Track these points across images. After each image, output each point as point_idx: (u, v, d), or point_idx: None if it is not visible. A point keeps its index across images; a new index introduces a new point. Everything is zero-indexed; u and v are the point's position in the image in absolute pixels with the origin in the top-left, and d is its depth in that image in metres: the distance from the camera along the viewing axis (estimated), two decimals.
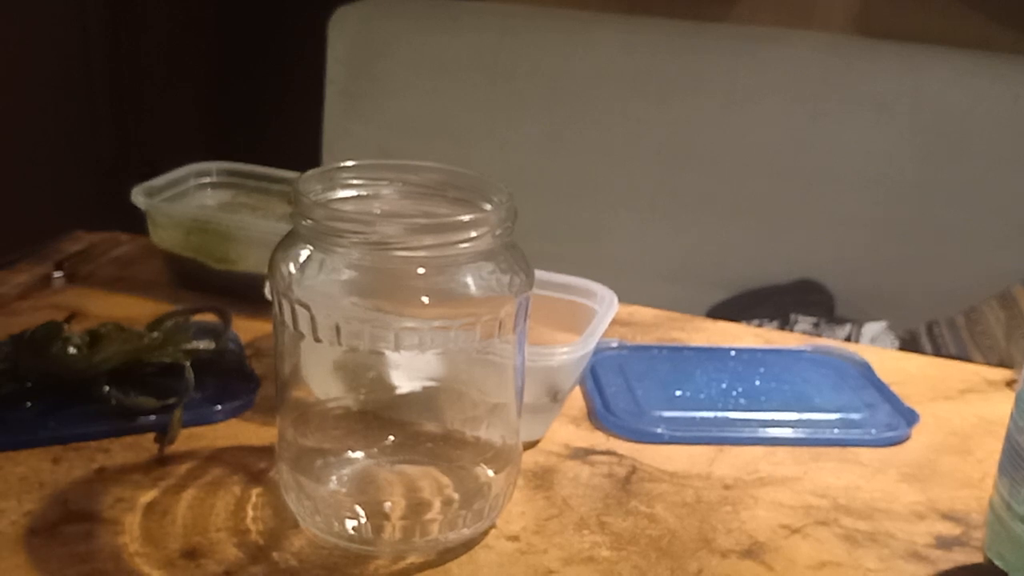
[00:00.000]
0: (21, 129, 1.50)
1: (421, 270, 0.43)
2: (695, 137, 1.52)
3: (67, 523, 0.47)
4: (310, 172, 0.46)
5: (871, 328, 1.33)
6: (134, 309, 0.69)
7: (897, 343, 1.35)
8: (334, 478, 0.48)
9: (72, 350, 0.56)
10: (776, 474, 0.56)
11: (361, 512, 0.46)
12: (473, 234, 0.43)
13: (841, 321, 1.38)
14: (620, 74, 1.54)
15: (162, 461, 0.53)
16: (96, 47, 1.67)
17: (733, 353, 0.69)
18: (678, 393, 0.63)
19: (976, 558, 0.49)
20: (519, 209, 0.45)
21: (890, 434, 0.60)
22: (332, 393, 0.50)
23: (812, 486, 0.55)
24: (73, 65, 1.64)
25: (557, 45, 1.58)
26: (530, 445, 0.57)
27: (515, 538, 0.49)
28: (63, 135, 1.63)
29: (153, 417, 0.55)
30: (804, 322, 1.37)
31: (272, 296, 0.45)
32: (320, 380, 0.49)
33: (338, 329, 0.43)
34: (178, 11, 1.83)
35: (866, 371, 0.67)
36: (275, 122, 1.88)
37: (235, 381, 0.60)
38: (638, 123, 1.54)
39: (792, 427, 0.60)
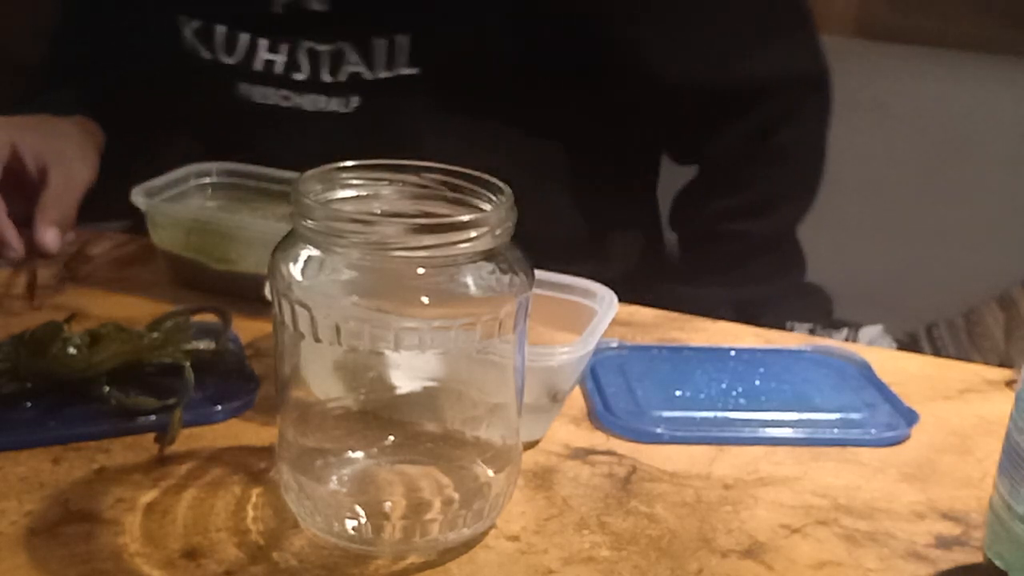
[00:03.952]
0: None
1: (421, 270, 0.43)
2: None
3: (67, 523, 0.47)
4: (310, 172, 0.46)
5: (868, 332, 1.32)
6: (134, 309, 0.69)
7: (895, 346, 1.35)
8: (334, 478, 0.49)
9: (72, 350, 0.56)
10: (776, 474, 0.56)
11: (361, 512, 0.46)
12: (473, 234, 0.43)
13: (838, 325, 1.38)
14: None
15: (162, 461, 0.53)
16: None
17: (733, 353, 0.69)
18: (678, 393, 0.63)
19: (976, 558, 0.49)
20: None
21: (890, 434, 0.60)
22: (332, 393, 0.50)
23: (812, 486, 0.55)
24: None
25: None
26: (530, 445, 0.57)
27: (515, 538, 0.49)
28: None
29: (153, 417, 0.55)
30: (801, 327, 1.37)
31: (272, 296, 0.45)
32: (320, 380, 0.49)
33: (338, 329, 0.43)
34: None
35: (866, 371, 0.67)
36: None
37: (235, 381, 0.60)
38: None
39: (792, 427, 0.60)
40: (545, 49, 0.90)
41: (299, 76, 0.88)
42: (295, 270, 0.44)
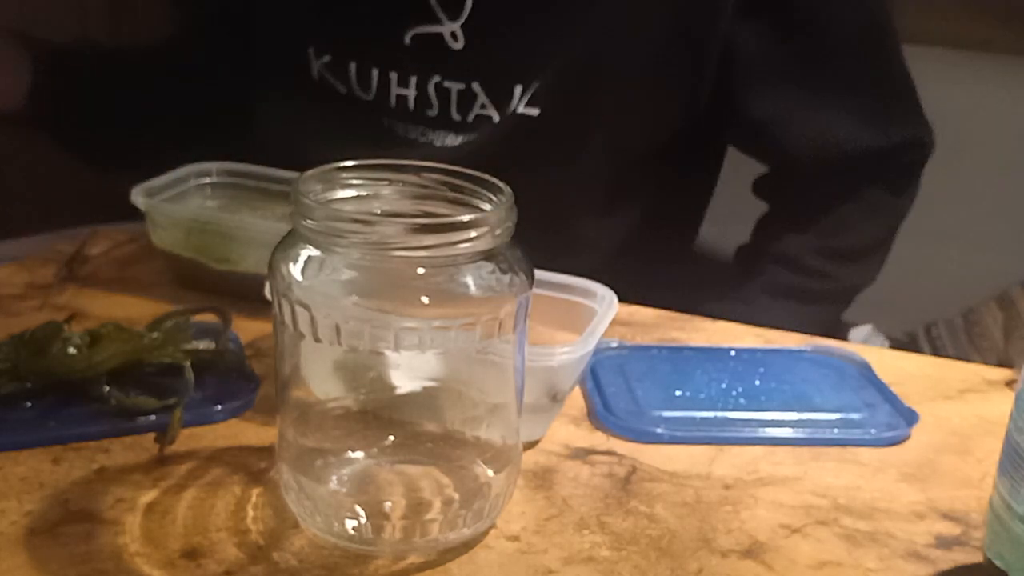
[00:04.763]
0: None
1: (421, 270, 0.43)
2: None
3: (67, 523, 0.47)
4: (310, 172, 0.46)
5: (859, 332, 1.32)
6: (134, 309, 0.69)
7: (887, 344, 1.35)
8: (334, 478, 0.49)
9: (72, 350, 0.56)
10: (776, 474, 0.56)
11: (361, 512, 0.46)
12: (473, 234, 0.43)
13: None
14: None
15: (162, 461, 0.53)
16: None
17: (733, 353, 0.69)
18: (678, 393, 0.63)
19: (976, 558, 0.49)
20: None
21: (890, 434, 0.60)
22: (332, 393, 0.50)
23: (812, 486, 0.55)
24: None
25: None
26: (530, 445, 0.57)
27: (515, 538, 0.49)
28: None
29: (153, 417, 0.55)
30: None
31: (272, 296, 0.45)
32: (320, 380, 0.49)
33: (338, 329, 0.43)
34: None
35: (866, 371, 0.67)
36: None
37: (235, 381, 0.60)
38: None
39: (792, 427, 0.60)
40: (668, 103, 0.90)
41: (431, 112, 0.88)
42: (295, 270, 0.44)
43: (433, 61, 0.87)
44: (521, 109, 0.87)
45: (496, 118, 0.87)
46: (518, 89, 0.86)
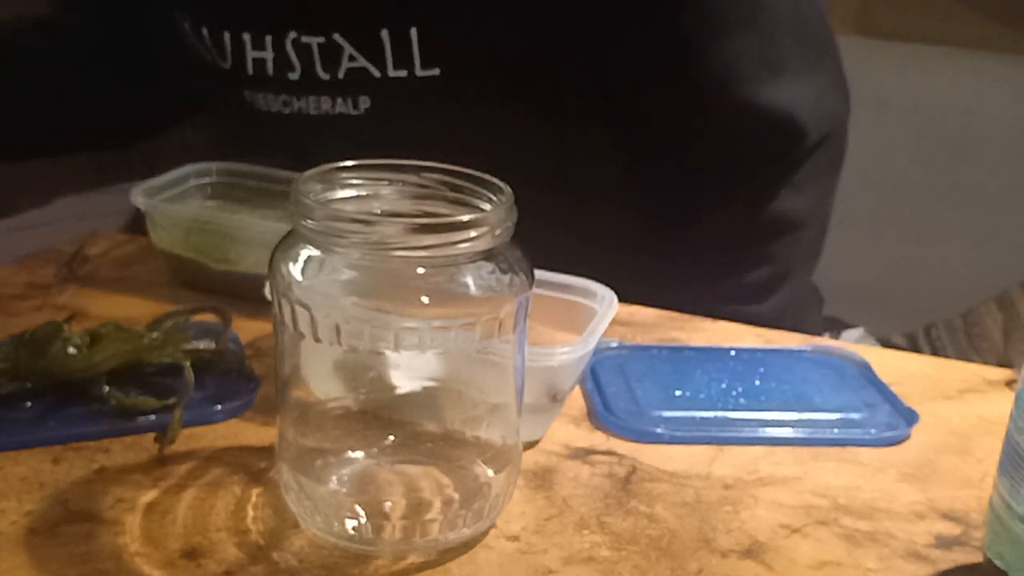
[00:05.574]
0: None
1: (421, 270, 0.43)
2: None
3: (67, 523, 0.47)
4: (310, 172, 0.46)
5: (850, 334, 1.32)
6: (134, 309, 0.69)
7: (877, 346, 1.34)
8: (334, 478, 0.49)
9: (72, 350, 0.56)
10: (776, 474, 0.56)
11: (361, 512, 0.46)
12: (473, 234, 0.43)
13: (826, 325, 1.38)
14: None
15: (162, 461, 0.53)
16: None
17: (733, 353, 0.69)
18: (678, 393, 0.63)
19: (976, 558, 0.49)
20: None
21: (890, 434, 0.60)
22: (332, 393, 0.50)
23: (812, 486, 0.55)
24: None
25: None
26: (530, 445, 0.57)
27: (515, 538, 0.49)
28: None
29: (153, 417, 0.55)
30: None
31: (272, 296, 0.45)
32: (320, 380, 0.49)
33: (338, 329, 0.43)
34: None
35: (866, 371, 0.67)
36: None
37: (235, 381, 0.60)
38: None
39: (792, 427, 0.60)
40: (570, 50, 0.78)
41: (292, 76, 0.79)
42: (295, 270, 0.44)
43: (285, 14, 0.76)
44: (420, 70, 0.75)
45: (376, 73, 0.76)
46: (385, 35, 0.75)
